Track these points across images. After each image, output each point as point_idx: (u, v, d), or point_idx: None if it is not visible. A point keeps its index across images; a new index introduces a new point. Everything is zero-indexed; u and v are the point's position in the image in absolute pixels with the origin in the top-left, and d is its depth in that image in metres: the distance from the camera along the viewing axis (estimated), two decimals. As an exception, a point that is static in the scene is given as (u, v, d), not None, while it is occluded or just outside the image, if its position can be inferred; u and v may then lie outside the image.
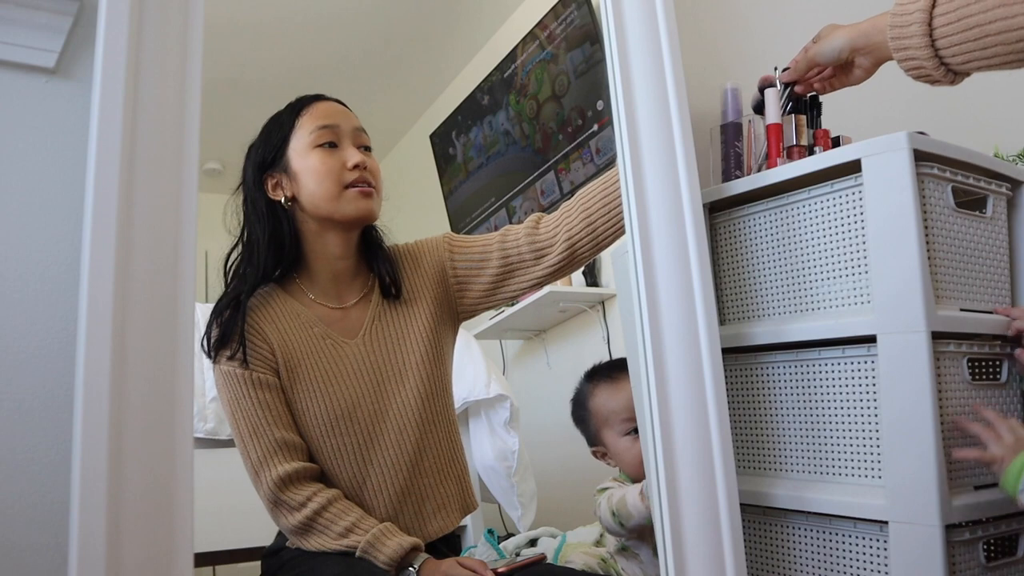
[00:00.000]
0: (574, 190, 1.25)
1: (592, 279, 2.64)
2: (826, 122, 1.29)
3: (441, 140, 3.71)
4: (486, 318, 2.83)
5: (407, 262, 1.32)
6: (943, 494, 0.97)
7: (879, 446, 1.04)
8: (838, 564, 1.07)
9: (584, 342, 2.74)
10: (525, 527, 2.03)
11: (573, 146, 2.84)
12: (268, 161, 1.25)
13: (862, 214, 1.07)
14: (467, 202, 3.55)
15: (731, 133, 1.31)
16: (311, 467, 1.19)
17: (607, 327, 2.61)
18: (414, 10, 3.24)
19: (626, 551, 1.37)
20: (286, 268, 1.27)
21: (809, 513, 1.10)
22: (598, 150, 2.72)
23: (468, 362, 2.03)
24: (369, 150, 1.28)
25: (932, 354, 0.99)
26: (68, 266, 0.98)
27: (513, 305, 2.66)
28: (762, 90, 1.26)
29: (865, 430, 1.06)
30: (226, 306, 1.21)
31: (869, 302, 1.06)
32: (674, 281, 1.09)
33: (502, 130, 3.27)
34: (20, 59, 1.00)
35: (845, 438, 1.08)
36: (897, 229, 1.02)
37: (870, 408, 1.05)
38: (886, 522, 1.01)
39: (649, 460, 1.09)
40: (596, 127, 2.73)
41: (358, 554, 1.12)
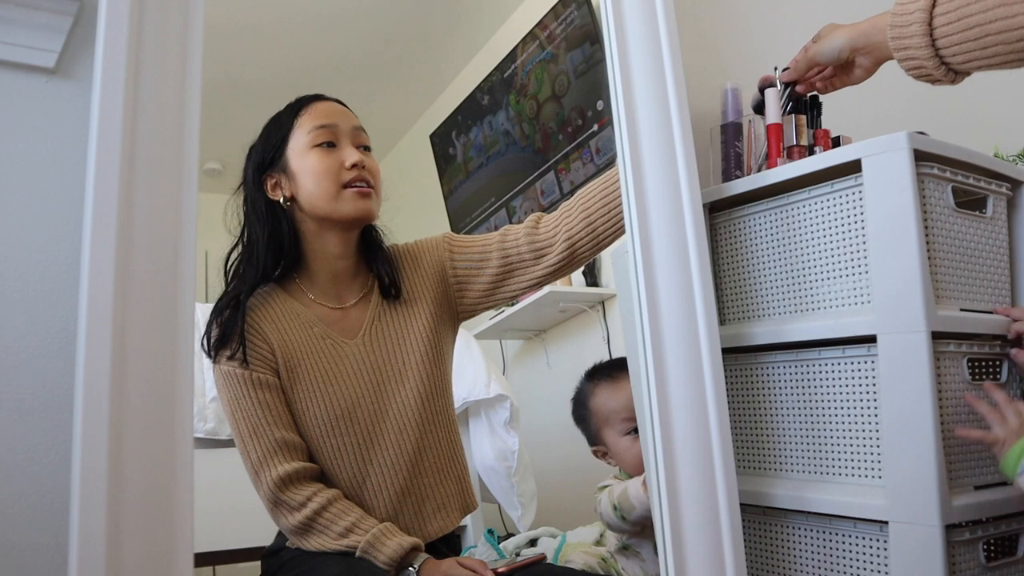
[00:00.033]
0: (574, 190, 1.25)
1: (592, 279, 2.64)
2: (826, 122, 1.29)
3: (441, 140, 3.71)
4: (486, 318, 2.83)
5: (407, 262, 1.32)
6: (943, 494, 0.97)
7: (879, 446, 1.04)
8: (838, 564, 1.07)
9: (584, 342, 2.73)
10: (525, 527, 2.03)
11: (573, 146, 2.83)
12: (267, 161, 1.25)
13: (862, 214, 1.07)
14: (467, 202, 3.55)
15: (731, 133, 1.31)
16: (311, 467, 1.19)
17: (607, 327, 2.61)
18: (414, 10, 3.24)
19: (627, 550, 1.37)
20: (286, 268, 1.27)
21: (809, 513, 1.10)
22: (598, 150, 2.72)
23: (468, 362, 2.03)
24: (368, 150, 1.27)
25: (932, 354, 0.99)
26: (68, 266, 0.98)
27: (513, 305, 2.66)
28: (762, 90, 1.26)
29: (865, 430, 1.06)
30: (226, 306, 1.21)
31: (869, 302, 1.06)
32: (674, 281, 1.09)
33: (502, 130, 3.27)
34: (20, 59, 1.00)
35: (845, 438, 1.08)
36: (897, 229, 1.02)
37: (870, 408, 1.05)
38: (886, 522, 1.01)
39: (649, 460, 1.09)
40: (596, 127, 2.73)
41: (358, 554, 1.12)
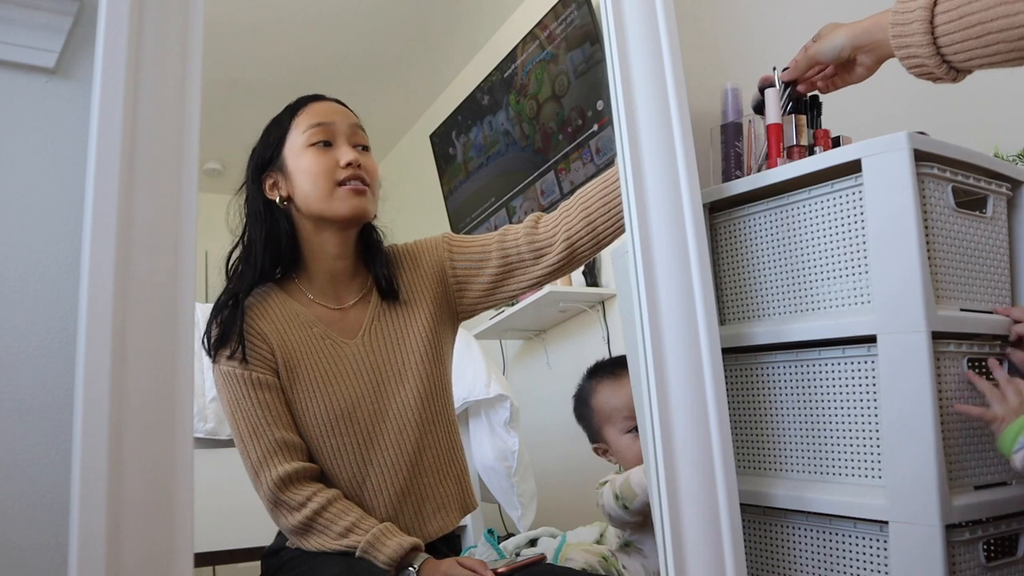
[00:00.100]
0: (574, 190, 1.25)
1: (592, 279, 2.64)
2: (826, 122, 1.28)
3: (441, 140, 3.71)
4: (486, 318, 2.83)
5: (406, 262, 1.32)
6: (943, 494, 0.97)
7: (879, 446, 1.04)
8: (838, 564, 1.07)
9: (584, 342, 2.73)
10: (525, 527, 2.03)
11: (573, 146, 2.83)
12: (265, 161, 1.26)
13: (862, 214, 1.07)
14: (467, 202, 3.55)
15: (731, 133, 1.31)
16: (311, 467, 1.19)
17: (607, 327, 2.61)
18: (414, 10, 3.24)
19: (628, 547, 1.37)
20: (285, 268, 1.27)
21: (809, 513, 1.10)
22: (598, 150, 2.72)
23: (468, 362, 2.03)
24: (367, 149, 1.27)
25: (932, 354, 0.99)
26: (68, 266, 0.98)
27: (513, 305, 2.66)
28: (762, 90, 1.25)
29: (865, 430, 1.06)
30: (224, 304, 1.21)
31: (869, 302, 1.06)
32: (674, 281, 1.09)
33: (502, 130, 3.27)
34: (20, 59, 1.00)
35: (845, 438, 1.08)
36: (897, 229, 1.02)
37: (870, 408, 1.05)
38: (886, 522, 1.01)
39: (649, 460, 1.09)
40: (596, 127, 2.73)
41: (358, 554, 1.12)
